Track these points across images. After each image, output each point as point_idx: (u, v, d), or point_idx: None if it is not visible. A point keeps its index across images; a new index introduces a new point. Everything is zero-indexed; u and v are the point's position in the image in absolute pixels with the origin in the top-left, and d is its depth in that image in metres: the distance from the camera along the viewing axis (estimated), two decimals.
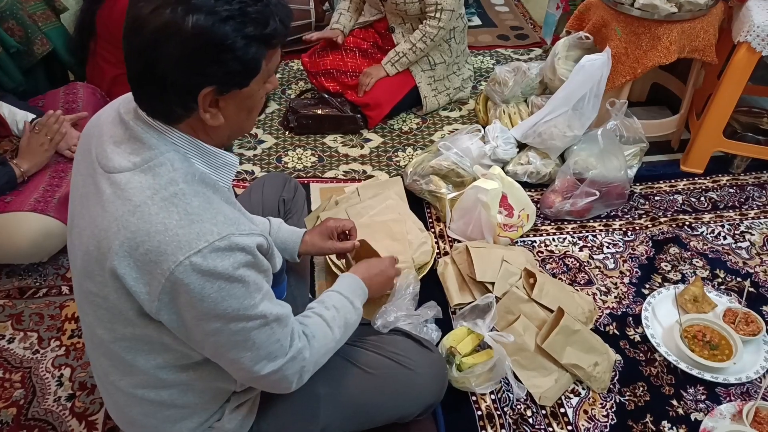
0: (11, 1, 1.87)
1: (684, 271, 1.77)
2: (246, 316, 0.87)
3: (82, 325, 1.02)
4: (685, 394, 1.45)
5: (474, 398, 1.43)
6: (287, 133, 2.36)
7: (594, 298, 1.68)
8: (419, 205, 1.99)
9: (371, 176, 2.14)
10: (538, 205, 1.97)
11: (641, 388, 1.46)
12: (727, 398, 1.44)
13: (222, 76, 0.82)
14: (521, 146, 2.12)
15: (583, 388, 1.46)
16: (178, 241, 0.80)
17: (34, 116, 1.79)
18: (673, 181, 2.11)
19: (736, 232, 1.91)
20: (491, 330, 1.46)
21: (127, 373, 0.96)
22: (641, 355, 1.54)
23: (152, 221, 0.81)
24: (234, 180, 1.03)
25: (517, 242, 1.84)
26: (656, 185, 2.09)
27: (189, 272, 0.80)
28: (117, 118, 0.90)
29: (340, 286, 1.19)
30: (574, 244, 1.86)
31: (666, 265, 1.79)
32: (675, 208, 2.00)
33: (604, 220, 1.94)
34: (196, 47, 0.78)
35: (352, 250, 1.41)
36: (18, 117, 1.77)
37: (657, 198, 2.03)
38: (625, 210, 1.98)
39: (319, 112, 2.33)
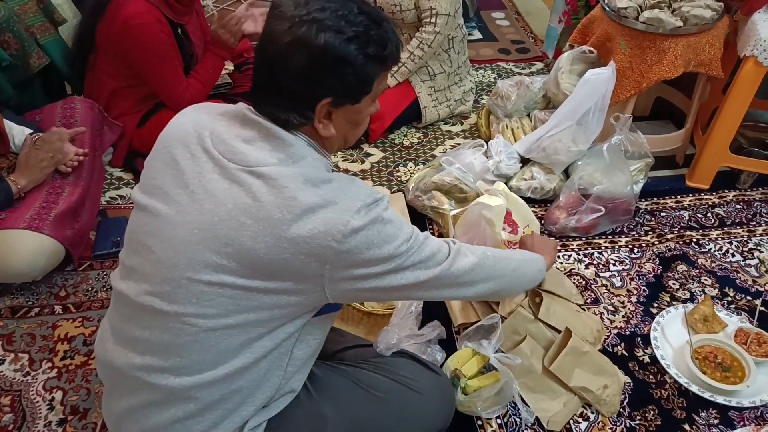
0: (8, 13, 1.84)
1: (692, 290, 1.73)
2: (406, 249, 0.98)
3: (123, 332, 1.00)
4: (697, 418, 1.40)
5: (479, 422, 1.39)
6: None
7: (601, 318, 1.64)
8: (421, 221, 1.95)
9: None
10: (543, 222, 1.94)
11: (652, 412, 1.42)
12: (741, 422, 1.39)
13: (340, 88, 0.93)
14: (525, 161, 2.09)
15: (593, 412, 1.41)
16: (338, 209, 0.91)
17: (30, 131, 1.76)
18: (679, 196, 2.08)
19: (744, 249, 1.87)
20: (496, 351, 1.42)
21: (194, 369, 0.95)
22: (651, 377, 1.50)
23: (312, 201, 0.91)
24: None
25: None
26: (662, 201, 2.06)
27: (356, 228, 0.91)
28: (240, 120, 0.98)
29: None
30: (580, 261, 1.83)
31: (674, 283, 1.75)
32: (681, 224, 1.96)
33: (610, 237, 1.91)
34: (322, 60, 0.90)
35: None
36: (15, 132, 1.74)
37: (663, 214, 2.00)
38: (631, 226, 1.95)
39: None
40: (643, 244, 1.88)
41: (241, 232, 0.90)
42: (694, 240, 1.90)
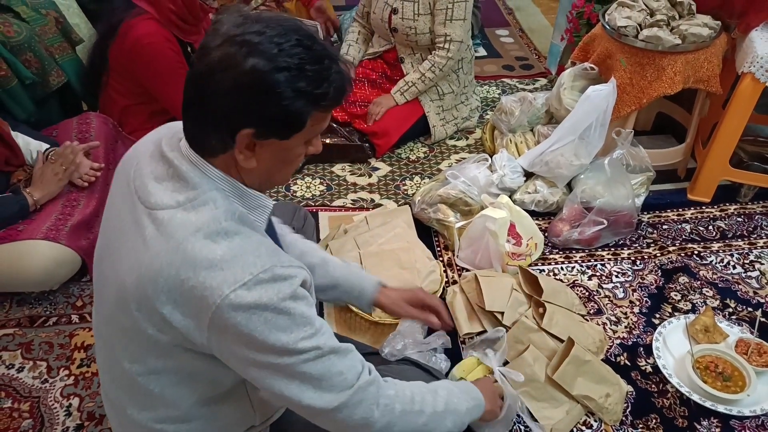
0: (30, 34, 1.92)
1: (694, 301, 1.76)
2: (297, 350, 0.86)
3: (98, 357, 1.03)
4: (698, 427, 1.43)
5: None
6: None
7: (604, 328, 1.67)
8: (427, 233, 1.99)
9: (379, 205, 2.15)
10: (546, 234, 1.97)
11: (654, 420, 1.44)
12: (742, 431, 1.42)
13: (263, 120, 0.84)
14: (528, 175, 2.13)
15: (595, 420, 1.44)
16: (223, 276, 0.82)
17: (48, 146, 1.82)
18: (680, 209, 2.12)
19: (745, 261, 1.90)
20: (502, 364, 1.45)
21: (147, 406, 0.96)
22: (653, 386, 1.52)
23: (196, 257, 0.83)
24: None
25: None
26: (664, 214, 2.09)
27: (235, 306, 0.82)
28: (158, 154, 0.92)
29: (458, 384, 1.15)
30: (583, 273, 1.86)
31: (676, 295, 1.78)
32: (683, 236, 2.00)
33: (613, 249, 1.94)
34: (246, 85, 0.81)
35: (436, 326, 1.36)
36: (32, 146, 1.80)
37: (665, 227, 2.04)
38: (633, 239, 1.98)
39: (327, 141, 2.35)
40: (646, 256, 1.92)
41: (129, 276, 0.87)
42: (696, 252, 1.93)
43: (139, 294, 0.86)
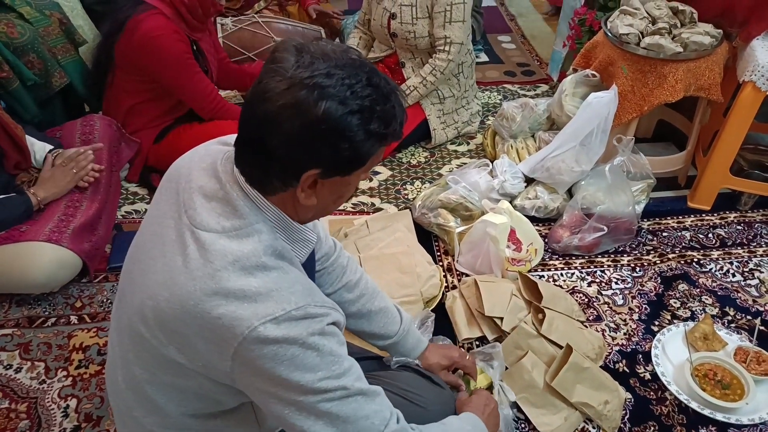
0: (33, 35, 1.92)
1: (693, 308, 1.76)
2: (323, 389, 0.84)
3: (112, 354, 1.02)
4: None
5: None
6: None
7: (603, 335, 1.67)
8: (427, 238, 1.99)
9: (380, 209, 2.16)
10: (546, 240, 1.97)
11: (652, 428, 1.44)
12: None
13: (332, 162, 0.83)
14: (529, 181, 2.13)
15: (594, 427, 1.44)
16: (254, 309, 0.81)
17: (51, 147, 1.83)
18: (680, 217, 2.12)
19: (745, 269, 1.90)
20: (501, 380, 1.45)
21: (154, 413, 0.96)
22: (652, 393, 1.52)
23: (231, 287, 0.81)
24: None
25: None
26: (664, 221, 2.10)
27: (262, 339, 0.80)
28: (212, 171, 0.90)
29: (466, 420, 1.13)
30: (583, 279, 1.86)
31: (675, 302, 1.78)
32: (683, 244, 2.00)
33: (612, 256, 1.94)
34: (318, 131, 0.79)
35: (457, 390, 1.35)
36: (36, 147, 1.81)
37: (665, 234, 2.04)
38: (633, 245, 1.98)
39: None
40: (645, 263, 1.92)
41: (161, 291, 0.85)
42: (696, 260, 1.93)
43: (166, 312, 0.85)
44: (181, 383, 0.91)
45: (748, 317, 1.73)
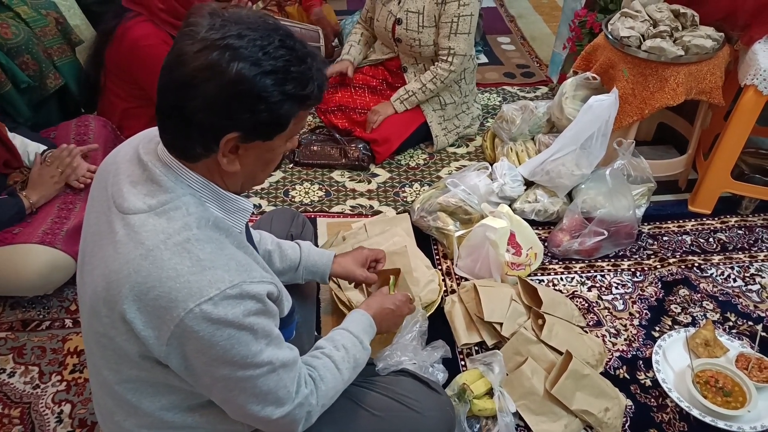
0: (27, 36, 1.90)
1: (694, 314, 1.75)
2: (254, 364, 0.87)
3: (88, 363, 1.02)
4: None
5: None
6: (294, 167, 2.37)
7: (603, 341, 1.65)
8: (426, 241, 1.98)
9: (378, 211, 2.14)
10: (546, 244, 1.96)
11: None
12: None
13: (250, 124, 0.83)
14: (528, 184, 2.12)
15: None
16: (189, 288, 0.81)
17: (45, 147, 1.81)
18: (681, 221, 2.10)
19: (746, 274, 1.89)
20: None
21: (131, 413, 0.96)
22: (652, 400, 1.51)
23: (164, 267, 0.81)
24: None
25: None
26: (664, 225, 2.08)
27: (199, 320, 0.81)
28: (135, 158, 0.91)
29: (350, 323, 1.19)
30: (583, 283, 1.85)
31: (676, 307, 1.77)
32: (684, 248, 1.98)
33: (613, 260, 1.93)
34: (233, 93, 0.80)
35: (375, 283, 1.43)
36: (30, 148, 1.79)
37: (665, 238, 2.02)
38: (634, 250, 1.97)
39: (322, 148, 2.35)
40: (646, 268, 1.90)
41: (100, 281, 0.86)
42: (696, 264, 1.92)
43: (107, 299, 0.85)
44: (145, 376, 0.91)
45: (750, 323, 1.72)
